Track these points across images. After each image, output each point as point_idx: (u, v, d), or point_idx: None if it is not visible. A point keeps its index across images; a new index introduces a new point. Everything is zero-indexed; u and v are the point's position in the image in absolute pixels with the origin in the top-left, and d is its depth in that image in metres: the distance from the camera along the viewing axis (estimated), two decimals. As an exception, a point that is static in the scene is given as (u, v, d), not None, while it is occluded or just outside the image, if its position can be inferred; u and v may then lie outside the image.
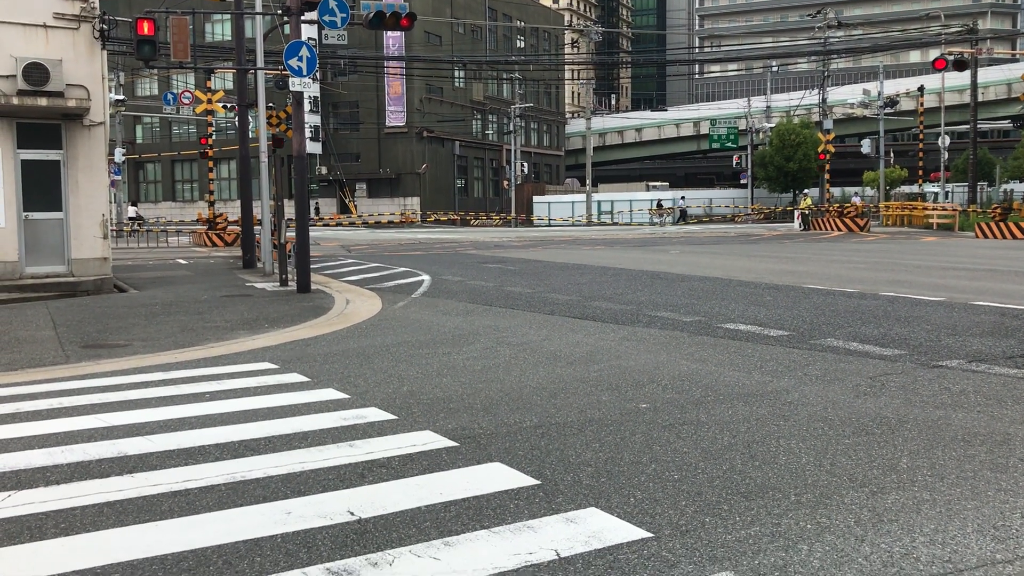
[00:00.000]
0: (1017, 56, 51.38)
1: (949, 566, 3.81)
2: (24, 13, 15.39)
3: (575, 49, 70.12)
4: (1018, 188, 55.46)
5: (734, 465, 5.23)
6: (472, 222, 59.49)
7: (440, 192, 64.26)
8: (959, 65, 36.69)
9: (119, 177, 41.93)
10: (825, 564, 3.84)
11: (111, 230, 17.70)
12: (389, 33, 54.84)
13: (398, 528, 4.33)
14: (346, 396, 7.28)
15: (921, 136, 48.36)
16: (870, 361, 8.35)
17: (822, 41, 52.56)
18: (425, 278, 17.91)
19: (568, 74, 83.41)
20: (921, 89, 48.57)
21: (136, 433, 6.23)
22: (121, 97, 42.24)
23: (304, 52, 15.34)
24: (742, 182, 62.43)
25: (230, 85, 49.55)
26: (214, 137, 34.00)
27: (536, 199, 64.62)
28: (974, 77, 45.42)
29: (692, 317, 11.52)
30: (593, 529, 4.27)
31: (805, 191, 52.84)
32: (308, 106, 18.57)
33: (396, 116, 61.70)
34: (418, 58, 56.15)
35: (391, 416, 6.55)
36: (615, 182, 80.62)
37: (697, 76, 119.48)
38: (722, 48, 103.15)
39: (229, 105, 31.38)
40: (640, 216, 58.91)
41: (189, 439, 6.03)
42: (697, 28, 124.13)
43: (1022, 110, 55.91)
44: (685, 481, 4.96)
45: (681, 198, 60.31)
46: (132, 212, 45.70)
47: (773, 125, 60.93)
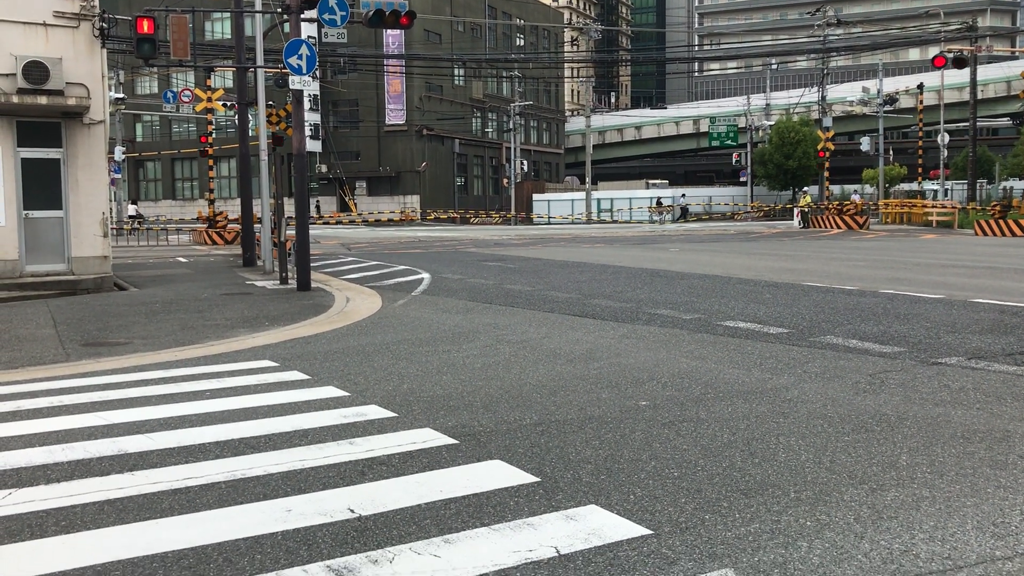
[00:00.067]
0: (1016, 54, 51.43)
1: (948, 563, 3.82)
2: (24, 11, 15.38)
3: (575, 47, 70.14)
4: (1017, 185, 55.35)
5: (734, 462, 5.24)
6: (472, 220, 59.48)
7: (440, 190, 64.24)
8: (958, 63, 36.73)
9: (119, 175, 41.95)
10: (825, 561, 3.85)
11: (111, 228, 17.70)
12: (389, 31, 54.78)
13: (398, 525, 4.34)
14: (346, 394, 7.29)
15: (920, 134, 48.34)
16: (869, 358, 8.35)
17: (821, 39, 52.56)
18: (425, 276, 17.91)
19: (568, 72, 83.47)
20: (920, 87, 48.55)
21: (136, 431, 6.24)
22: (121, 95, 42.27)
23: (304, 50, 15.34)
24: (741, 180, 62.41)
25: (230, 83, 49.53)
26: (214, 135, 33.99)
27: (536, 197, 64.62)
28: (973, 75, 45.43)
29: (692, 315, 11.53)
30: (593, 526, 4.27)
31: (804, 189, 52.78)
32: (308, 104, 18.59)
33: (396, 114, 61.69)
34: (418, 56, 56.11)
35: (391, 414, 6.56)
36: (615, 180, 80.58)
37: (697, 74, 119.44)
38: (722, 46, 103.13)
39: (229, 103, 31.40)
40: (640, 214, 58.94)
41: (189, 437, 6.04)
42: (697, 26, 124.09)
43: (1021, 107, 55.89)
44: (685, 478, 4.97)
45: (682, 196, 60.36)
46: (132, 210, 45.74)
47: (772, 123, 60.93)
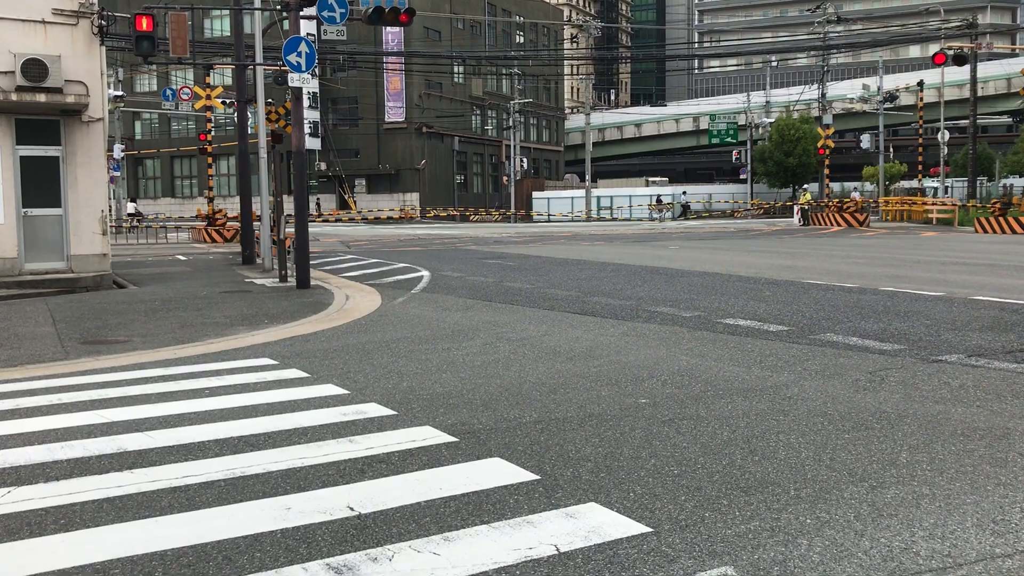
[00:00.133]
0: (1017, 51, 51.41)
1: (949, 560, 3.81)
2: (23, 9, 15.36)
3: (574, 44, 70.09)
4: (1017, 183, 55.32)
5: (733, 460, 5.24)
6: (471, 218, 59.46)
7: (439, 188, 64.24)
8: (959, 60, 36.67)
9: (118, 173, 41.92)
10: (825, 559, 3.85)
11: (110, 226, 17.68)
12: (388, 29, 54.76)
13: (398, 523, 4.33)
14: (346, 392, 7.28)
15: (921, 131, 48.32)
16: (870, 356, 8.35)
17: (821, 36, 52.51)
18: (424, 274, 17.90)
19: (567, 69, 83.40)
20: (921, 84, 48.50)
21: (135, 429, 6.23)
22: (120, 93, 42.21)
23: (303, 48, 15.32)
24: (741, 177, 62.39)
25: (229, 81, 49.43)
26: (213, 133, 33.99)
27: (535, 195, 64.64)
28: (974, 72, 45.39)
29: (692, 312, 11.52)
30: (593, 524, 4.27)
31: (804, 186, 52.77)
32: (307, 102, 18.59)
33: (395, 112, 61.67)
34: (417, 53, 56.10)
35: (391, 412, 6.55)
36: (614, 178, 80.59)
37: (696, 71, 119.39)
38: (721, 43, 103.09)
39: (228, 101, 31.34)
40: (639, 212, 59.00)
41: (188, 435, 6.03)
42: (696, 23, 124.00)
43: (1022, 105, 55.87)
44: (684, 476, 4.96)
45: (683, 193, 60.41)
46: (131, 208, 45.69)
47: (772, 120, 60.91)
